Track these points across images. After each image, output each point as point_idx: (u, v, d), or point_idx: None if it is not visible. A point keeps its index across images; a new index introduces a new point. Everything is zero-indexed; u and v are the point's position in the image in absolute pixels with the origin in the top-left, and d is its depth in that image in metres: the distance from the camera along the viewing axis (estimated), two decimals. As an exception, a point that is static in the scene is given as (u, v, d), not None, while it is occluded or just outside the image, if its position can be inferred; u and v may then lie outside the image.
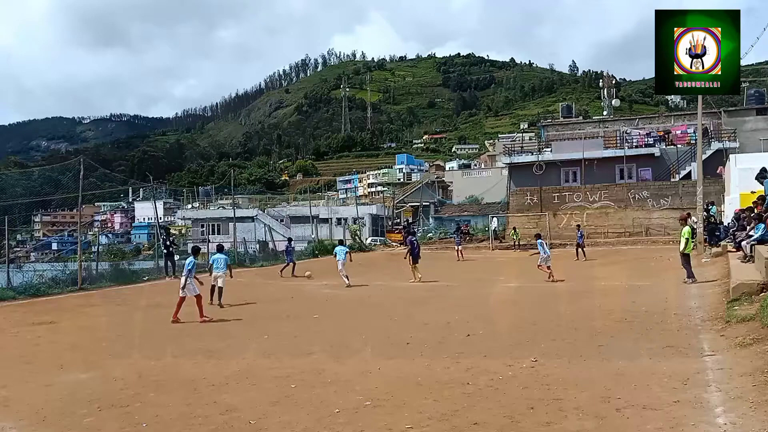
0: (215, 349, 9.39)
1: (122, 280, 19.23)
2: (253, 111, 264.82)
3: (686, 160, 36.58)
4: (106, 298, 16.38)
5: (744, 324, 8.61)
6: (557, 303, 13.19)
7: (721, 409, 5.47)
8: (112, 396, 6.83)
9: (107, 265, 21.41)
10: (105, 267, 20.86)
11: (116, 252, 33.44)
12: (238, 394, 6.77)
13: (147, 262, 23.77)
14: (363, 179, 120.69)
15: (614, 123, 43.76)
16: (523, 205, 37.74)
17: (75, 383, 7.54)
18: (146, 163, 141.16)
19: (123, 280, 19.32)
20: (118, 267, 20.86)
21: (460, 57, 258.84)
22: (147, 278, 20.32)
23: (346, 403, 6.27)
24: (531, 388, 6.59)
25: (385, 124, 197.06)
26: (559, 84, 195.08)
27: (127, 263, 23.01)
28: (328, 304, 14.68)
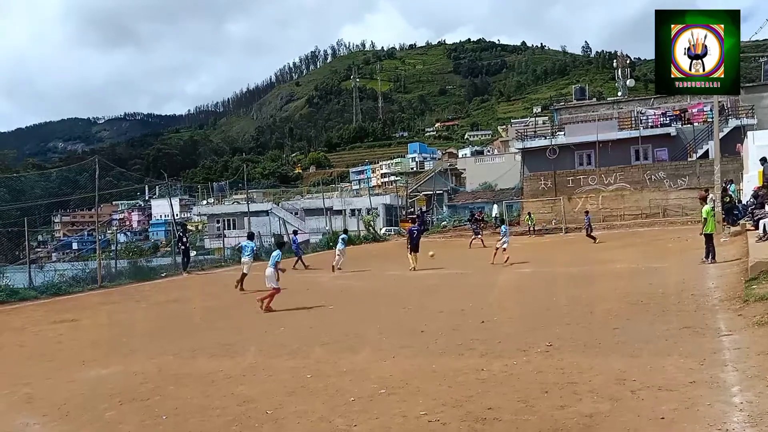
0: (232, 342, 9.50)
1: (141, 277, 19.49)
2: (265, 105, 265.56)
3: (703, 139, 36.00)
4: (125, 295, 16.63)
5: (762, 303, 8.53)
6: (571, 287, 13.12)
7: (737, 388, 5.45)
8: (133, 390, 6.95)
9: (126, 262, 21.71)
10: (123, 264, 21.16)
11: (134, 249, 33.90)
12: (254, 386, 6.86)
13: (164, 259, 24.06)
14: (376, 169, 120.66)
15: (629, 104, 43.18)
16: (537, 190, 37.45)
17: (96, 379, 7.69)
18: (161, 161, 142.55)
19: (141, 276, 19.59)
20: (137, 264, 21.13)
21: (470, 43, 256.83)
22: (165, 274, 20.58)
23: (361, 391, 6.33)
24: (545, 372, 6.60)
25: (396, 113, 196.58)
26: (572, 66, 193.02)
27: (145, 260, 23.30)
28: (343, 295, 14.76)
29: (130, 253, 27.72)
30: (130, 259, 22.40)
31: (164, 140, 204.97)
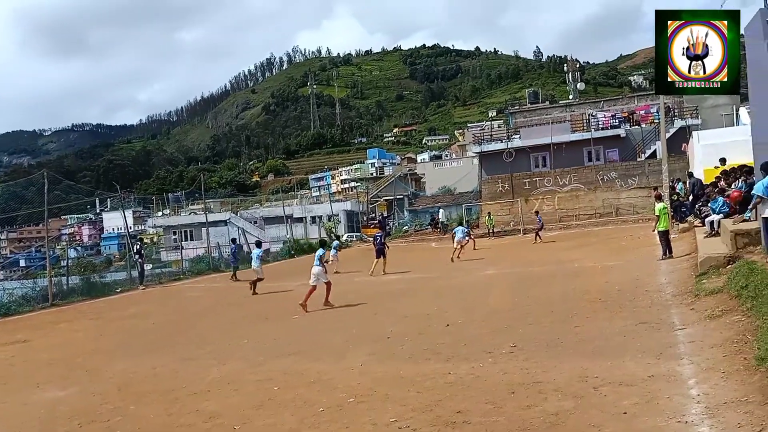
0: (194, 356, 9.32)
1: (95, 294, 18.90)
2: (220, 113, 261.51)
3: (651, 139, 37.27)
4: (79, 313, 16.12)
5: (712, 297, 8.85)
6: (532, 288, 13.35)
7: (693, 380, 5.63)
8: (92, 411, 6.75)
9: (78, 279, 20.98)
10: (76, 281, 20.44)
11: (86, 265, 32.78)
12: (220, 401, 6.75)
13: (119, 274, 23.38)
14: (336, 176, 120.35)
15: (580, 106, 44.38)
16: (495, 193, 38.05)
17: (53, 401, 7.43)
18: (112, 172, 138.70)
19: (95, 293, 19.00)
20: (90, 280, 20.44)
21: (425, 48, 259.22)
22: (120, 290, 20.02)
23: (330, 401, 6.30)
24: (511, 373, 6.70)
25: (354, 119, 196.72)
26: (524, 70, 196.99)
27: (99, 276, 22.54)
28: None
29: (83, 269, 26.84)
30: (82, 275, 21.65)
31: (115, 151, 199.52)
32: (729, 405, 4.81)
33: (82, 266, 27.69)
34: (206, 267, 25.38)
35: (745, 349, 6.04)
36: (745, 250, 10.02)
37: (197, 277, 23.12)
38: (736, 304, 7.82)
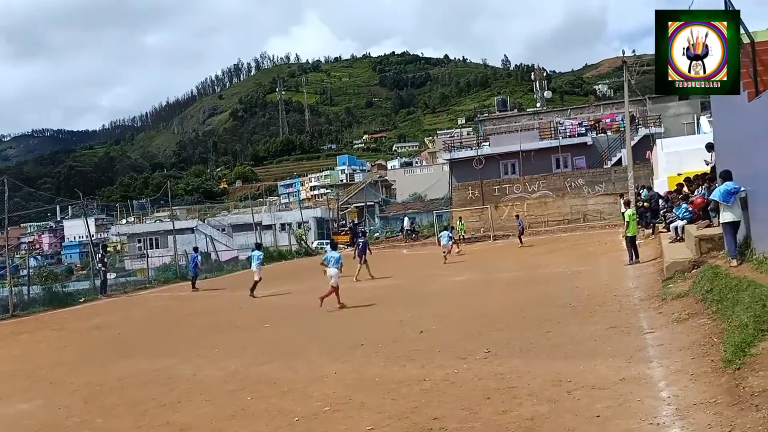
0: (162, 367, 9.11)
1: (57, 304, 18.33)
2: (186, 119, 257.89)
3: (616, 147, 38.13)
4: (41, 324, 15.62)
5: (679, 300, 9.07)
6: (504, 293, 13.49)
7: (663, 383, 5.75)
8: (58, 425, 6.54)
9: (39, 288, 20.33)
10: (37, 291, 19.79)
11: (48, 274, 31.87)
12: (191, 412, 6.60)
13: (82, 283, 22.74)
14: (305, 182, 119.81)
15: (548, 114, 45.14)
16: (465, 200, 38.37)
17: (17, 414, 7.18)
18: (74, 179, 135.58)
19: (57, 303, 18.43)
20: (51, 290, 19.81)
21: (395, 56, 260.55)
22: (83, 299, 19.47)
23: (305, 410, 6.23)
24: (485, 379, 6.73)
25: (324, 125, 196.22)
26: (493, 78, 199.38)
27: (61, 285, 21.86)
28: (278, 313, 14.49)
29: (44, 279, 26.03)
30: (44, 285, 20.98)
31: (77, 157, 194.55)
32: (698, 406, 4.92)
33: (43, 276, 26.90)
34: (173, 275, 24.90)
35: (711, 351, 6.18)
36: (709, 254, 10.30)
37: (164, 286, 22.67)
38: (701, 307, 8.02)
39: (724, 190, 9.64)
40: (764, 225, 8.23)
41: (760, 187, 8.39)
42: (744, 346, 5.37)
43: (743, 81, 8.36)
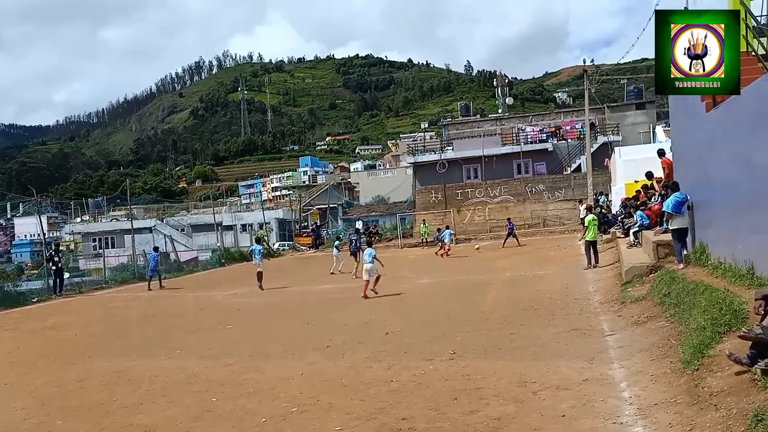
0: (123, 368, 8.89)
1: (8, 303, 17.64)
2: (145, 116, 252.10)
3: (576, 154, 39.02)
4: (-8, 324, 15.02)
5: (637, 304, 9.34)
6: (468, 296, 13.63)
7: (625, 383, 5.93)
8: (15, 427, 6.33)
9: (-9, 288, 19.62)
10: (-12, 290, 19.08)
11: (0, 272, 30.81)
12: (155, 414, 6.47)
13: (35, 282, 21.95)
14: (267, 183, 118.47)
15: (510, 120, 45.85)
16: (428, 203, 38.65)
17: (-32, 418, 6.89)
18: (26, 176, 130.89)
19: (9, 302, 17.73)
20: (3, 289, 19.07)
21: (358, 58, 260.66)
22: (36, 299, 18.79)
23: (272, 411, 6.18)
24: (452, 379, 6.81)
25: (286, 126, 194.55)
26: (456, 84, 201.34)
27: (13, 284, 21.06)
28: (241, 314, 14.30)
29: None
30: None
31: (29, 153, 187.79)
32: (659, 406, 5.09)
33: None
34: (131, 275, 24.28)
35: (670, 353, 6.41)
36: (666, 259, 10.64)
37: (121, 286, 22.10)
38: (659, 310, 8.28)
39: (675, 201, 10.20)
40: (719, 231, 8.56)
41: (714, 195, 8.73)
42: (702, 348, 5.57)
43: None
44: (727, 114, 7.74)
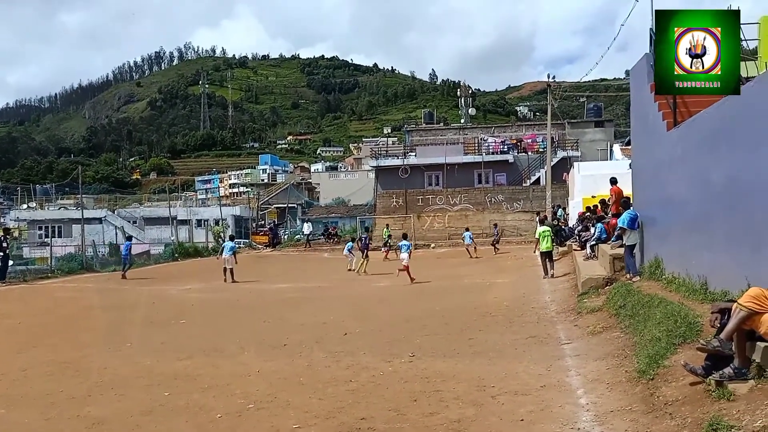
0: (71, 359, 8.55)
1: (-53, 289, 16.79)
2: (99, 104, 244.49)
3: (536, 167, 39.78)
4: (-72, 309, 14.21)
5: (593, 314, 9.54)
6: (426, 300, 13.68)
7: (582, 390, 6.02)
8: (-47, 416, 5.97)
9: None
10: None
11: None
12: (104, 406, 6.23)
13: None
14: (224, 179, 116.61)
15: (473, 130, 46.42)
16: (389, 207, 38.70)
17: None
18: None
19: (-52, 289, 16.87)
20: (-58, 273, 18.14)
21: (324, 59, 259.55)
22: (-22, 286, 17.96)
23: (228, 407, 6.03)
24: (411, 381, 6.79)
25: (247, 123, 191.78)
26: (420, 91, 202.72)
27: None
28: (195, 309, 13.98)
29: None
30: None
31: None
32: (615, 413, 5.18)
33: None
34: (78, 266, 23.43)
35: (625, 362, 6.55)
36: (622, 272, 10.92)
37: (67, 276, 21.29)
38: (615, 321, 8.48)
39: (629, 218, 10.81)
40: (674, 247, 8.83)
41: (671, 212, 9.01)
42: (657, 358, 5.72)
43: (662, 111, 8.99)
44: (687, 133, 8.01)
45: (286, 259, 31.26)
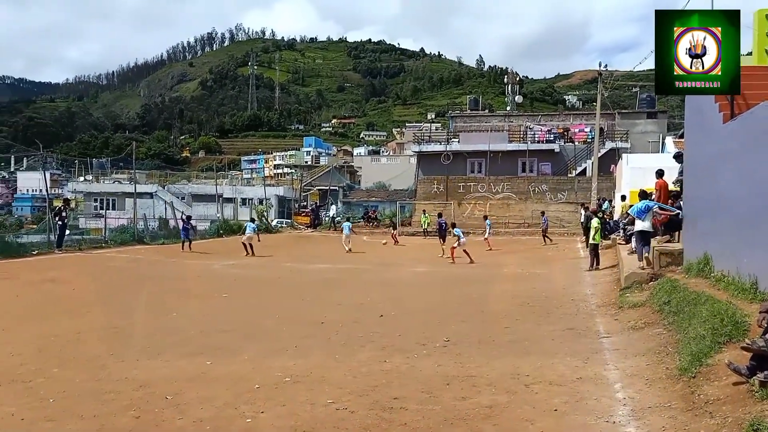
0: (121, 325, 8.95)
1: (8, 254, 17.56)
2: (153, 83, 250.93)
3: (582, 157, 38.92)
4: (-10, 272, 14.97)
5: (635, 309, 9.34)
6: (463, 287, 13.64)
7: (619, 385, 5.93)
8: (11, 371, 6.35)
9: (-9, 236, 19.52)
10: (-11, 238, 18.98)
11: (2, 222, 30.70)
12: (150, 371, 6.50)
13: (37, 236, 21.88)
14: (269, 160, 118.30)
15: (518, 118, 45.67)
16: (429, 193, 38.59)
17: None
18: (32, 131, 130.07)
19: (9, 253, 17.65)
20: (4, 239, 19.00)
21: (371, 43, 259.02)
22: (36, 252, 18.78)
23: (265, 379, 6.20)
24: (445, 365, 6.82)
25: (293, 105, 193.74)
26: (466, 77, 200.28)
27: (14, 236, 21.02)
28: (237, 284, 14.33)
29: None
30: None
31: (37, 109, 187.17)
32: (653, 409, 5.10)
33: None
34: (130, 238, 24.26)
35: (666, 360, 6.40)
36: (668, 269, 10.64)
37: (120, 247, 22.07)
38: (658, 318, 8.28)
39: (639, 208, 11.87)
40: (724, 244, 8.55)
41: (722, 207, 8.71)
42: (700, 357, 5.58)
43: (719, 103, 8.67)
44: (744, 126, 7.70)
45: (325, 240, 31.61)
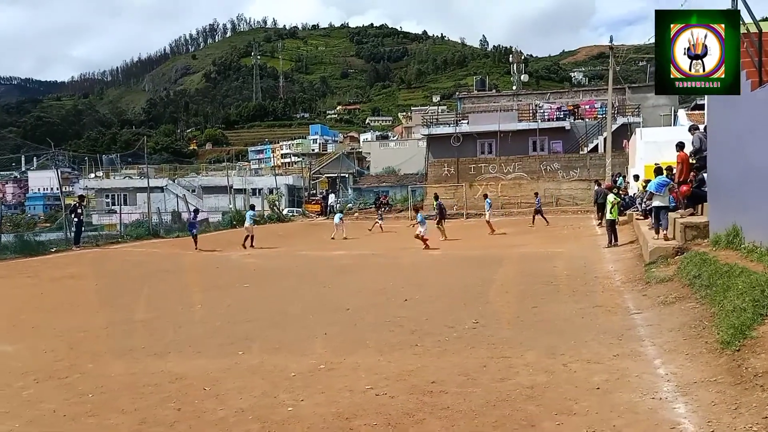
0: (147, 318, 8.93)
1: (28, 252, 17.68)
2: (158, 77, 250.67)
3: (594, 134, 38.50)
4: (13, 270, 14.98)
5: (663, 284, 9.20)
6: (483, 269, 13.51)
7: (659, 360, 5.82)
8: (47, 368, 6.36)
9: (11, 236, 19.65)
10: (8, 238, 19.10)
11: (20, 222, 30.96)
12: (183, 363, 6.48)
13: (54, 233, 22.01)
14: (276, 149, 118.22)
15: (527, 97, 45.23)
16: (440, 176, 38.40)
17: (2, 356, 6.93)
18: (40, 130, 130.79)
19: (29, 251, 17.77)
20: (23, 238, 19.10)
21: (373, 28, 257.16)
22: (55, 249, 18.88)
23: (300, 367, 6.16)
24: (478, 347, 6.74)
25: (297, 93, 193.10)
26: (470, 58, 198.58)
27: (33, 234, 21.17)
28: (256, 274, 14.31)
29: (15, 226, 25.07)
30: (15, 232, 20.23)
31: (44, 108, 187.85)
32: (699, 384, 4.98)
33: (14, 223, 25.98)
34: (145, 232, 24.35)
35: (704, 333, 6.27)
36: (694, 242, 10.47)
37: (136, 242, 22.14)
38: (688, 292, 8.14)
39: (657, 183, 12.16)
40: (754, 215, 8.38)
41: (753, 178, 8.52)
42: (743, 329, 5.44)
43: (746, 70, 8.43)
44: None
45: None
